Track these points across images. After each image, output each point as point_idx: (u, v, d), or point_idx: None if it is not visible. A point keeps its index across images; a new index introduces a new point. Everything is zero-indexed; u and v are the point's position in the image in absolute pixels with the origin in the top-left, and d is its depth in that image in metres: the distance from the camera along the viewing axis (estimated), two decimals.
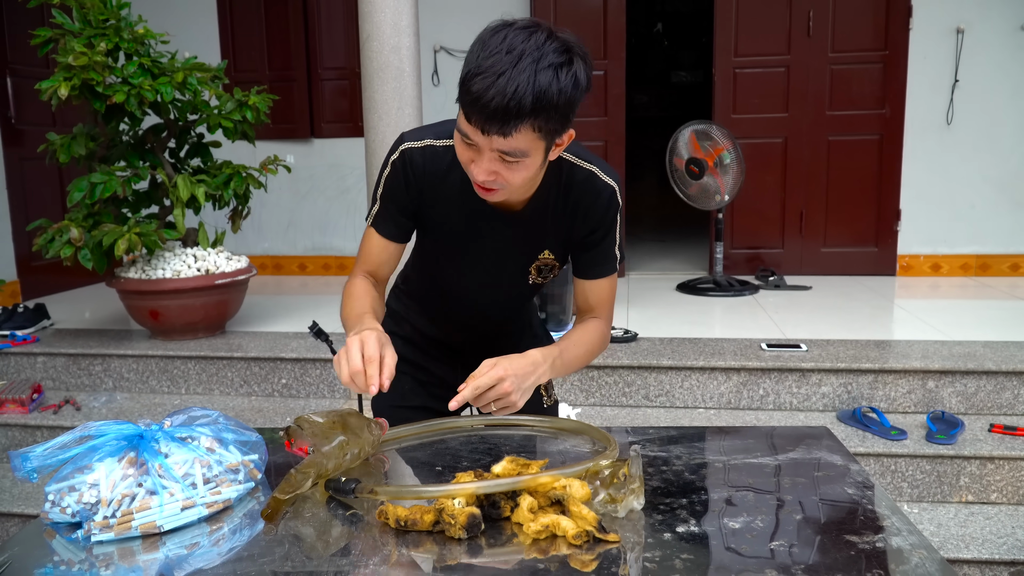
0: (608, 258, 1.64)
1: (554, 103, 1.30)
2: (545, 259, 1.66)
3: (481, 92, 1.27)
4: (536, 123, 1.31)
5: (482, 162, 1.37)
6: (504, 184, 1.40)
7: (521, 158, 1.36)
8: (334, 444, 1.37)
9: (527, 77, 1.26)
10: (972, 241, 5.47)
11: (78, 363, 4.01)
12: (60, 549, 1.23)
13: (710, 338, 3.93)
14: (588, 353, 1.67)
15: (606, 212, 1.58)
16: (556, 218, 1.59)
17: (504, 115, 1.27)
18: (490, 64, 1.27)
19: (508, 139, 1.31)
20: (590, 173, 1.56)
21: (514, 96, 1.26)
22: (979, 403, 3.41)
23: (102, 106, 3.79)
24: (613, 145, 5.57)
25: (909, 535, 1.17)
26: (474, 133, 1.33)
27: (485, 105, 1.27)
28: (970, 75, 5.25)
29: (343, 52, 5.92)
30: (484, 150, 1.35)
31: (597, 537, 1.16)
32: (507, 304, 1.79)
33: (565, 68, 1.30)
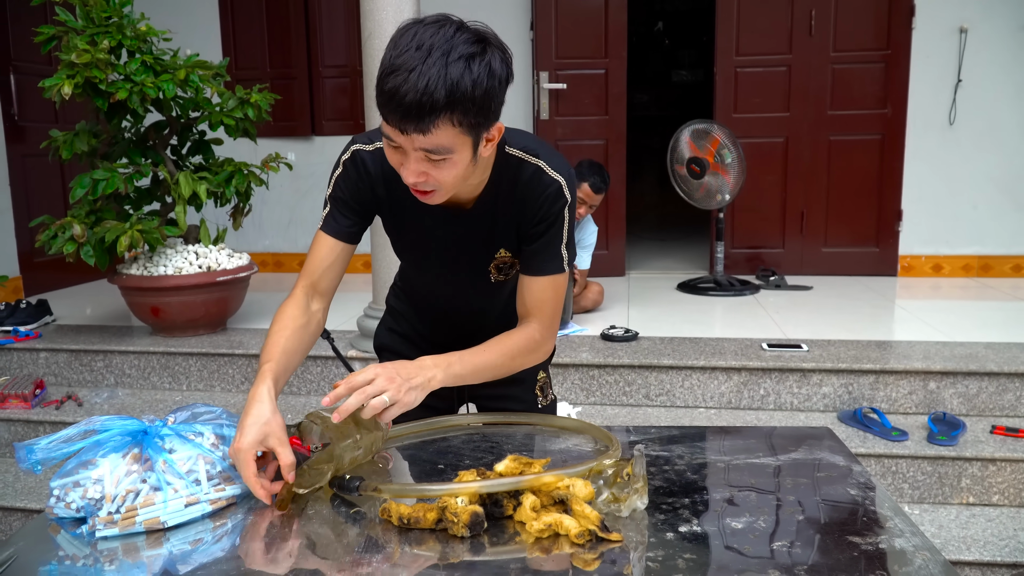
0: (551, 256, 1.58)
1: (469, 94, 1.27)
2: (503, 257, 1.64)
3: (394, 90, 1.25)
4: (454, 117, 1.28)
5: (409, 164, 1.35)
6: (436, 184, 1.38)
7: (446, 155, 1.33)
8: (349, 441, 1.37)
9: (437, 71, 1.25)
10: (974, 242, 5.47)
11: (80, 359, 4.02)
12: (65, 544, 1.23)
13: (711, 338, 3.93)
14: (504, 360, 1.59)
15: (551, 206, 1.54)
16: (506, 216, 1.57)
17: (419, 111, 1.26)
18: (401, 62, 1.26)
19: (428, 136, 1.29)
20: (537, 168, 1.53)
21: (426, 91, 1.24)
22: (981, 404, 3.41)
23: (104, 103, 3.79)
24: (613, 144, 5.57)
25: (912, 536, 1.17)
26: (395, 134, 1.31)
27: (399, 103, 1.26)
28: (973, 75, 5.24)
29: (344, 50, 5.92)
30: (408, 151, 1.34)
31: (600, 536, 1.17)
32: (479, 302, 1.76)
33: (478, 59, 1.28)
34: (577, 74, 5.46)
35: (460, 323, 1.81)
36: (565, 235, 1.58)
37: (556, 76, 5.46)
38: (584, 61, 5.46)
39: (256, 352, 3.86)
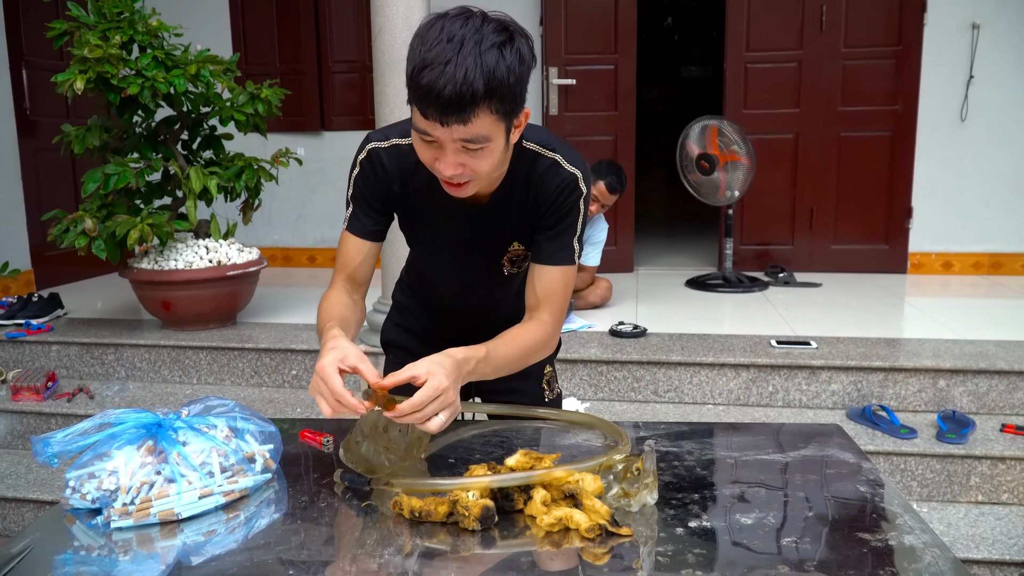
0: (564, 247, 1.59)
1: (505, 81, 1.30)
2: (516, 251, 1.65)
3: (432, 83, 1.26)
4: (492, 105, 1.31)
5: (446, 156, 1.36)
6: (472, 175, 1.40)
7: (484, 144, 1.35)
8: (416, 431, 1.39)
9: (473, 60, 1.27)
10: (984, 239, 5.44)
11: (91, 352, 4.04)
12: (80, 535, 1.25)
13: (719, 334, 3.93)
14: (522, 356, 1.58)
15: (567, 197, 1.56)
16: (520, 209, 1.58)
17: (459, 101, 1.27)
18: (434, 55, 1.27)
19: (469, 126, 1.31)
20: (553, 162, 1.55)
21: (465, 81, 1.26)
22: (991, 403, 3.41)
23: (116, 98, 3.80)
24: (622, 140, 5.56)
25: (922, 533, 1.18)
26: (433, 127, 1.32)
27: (439, 96, 1.27)
28: (985, 71, 5.22)
29: (353, 45, 5.93)
30: (446, 143, 1.35)
31: (610, 531, 1.17)
32: (489, 296, 1.78)
33: (508, 46, 1.31)
34: (586, 70, 5.45)
35: (468, 317, 1.82)
36: (579, 228, 1.60)
37: (565, 72, 5.46)
38: (593, 57, 5.45)
39: (265, 346, 3.88)
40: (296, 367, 3.88)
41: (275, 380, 3.90)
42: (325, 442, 1.58)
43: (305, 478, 1.44)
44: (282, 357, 3.88)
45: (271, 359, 3.89)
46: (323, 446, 1.58)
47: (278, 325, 4.23)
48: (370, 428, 1.39)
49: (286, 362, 3.88)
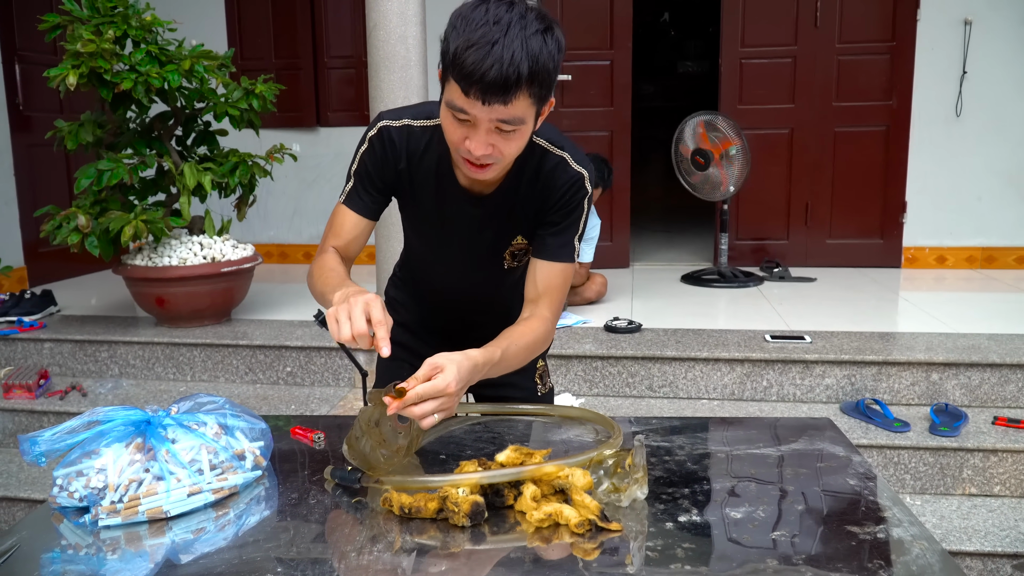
0: (566, 243, 1.62)
1: (545, 67, 1.34)
2: (519, 244, 1.67)
3: (478, 62, 1.29)
4: (531, 88, 1.35)
5: (479, 135, 1.38)
6: (499, 157, 1.42)
7: (519, 126, 1.38)
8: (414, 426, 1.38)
9: (520, 43, 1.30)
10: (978, 233, 5.45)
11: (84, 349, 4.03)
12: (68, 533, 1.24)
13: (714, 329, 3.93)
14: (528, 354, 1.60)
15: (573, 196, 1.58)
16: (526, 203, 1.60)
17: (504, 83, 1.30)
18: (480, 35, 1.30)
19: (509, 107, 1.33)
20: (561, 159, 1.58)
21: (511, 62, 1.29)
22: (983, 396, 3.41)
23: (109, 94, 3.79)
24: (618, 135, 5.56)
25: (910, 526, 1.18)
26: (472, 106, 1.33)
27: (484, 74, 1.29)
28: (978, 67, 5.22)
29: (349, 41, 5.92)
30: (481, 122, 1.36)
31: (600, 526, 1.17)
32: (487, 288, 1.78)
33: (549, 34, 1.35)
34: (582, 65, 5.44)
35: (462, 308, 1.83)
36: (581, 227, 1.63)
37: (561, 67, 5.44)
38: (589, 52, 5.45)
39: (260, 343, 3.87)
40: (291, 364, 3.87)
41: (270, 377, 3.90)
42: (316, 439, 1.58)
43: (296, 475, 1.43)
44: (277, 354, 3.87)
45: (265, 356, 3.88)
46: (314, 443, 1.58)
47: (273, 322, 4.22)
48: (366, 423, 1.39)
49: (281, 359, 3.88)
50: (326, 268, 1.58)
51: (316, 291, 1.58)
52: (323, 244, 1.67)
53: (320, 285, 1.54)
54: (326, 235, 1.68)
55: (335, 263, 1.60)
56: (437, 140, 1.57)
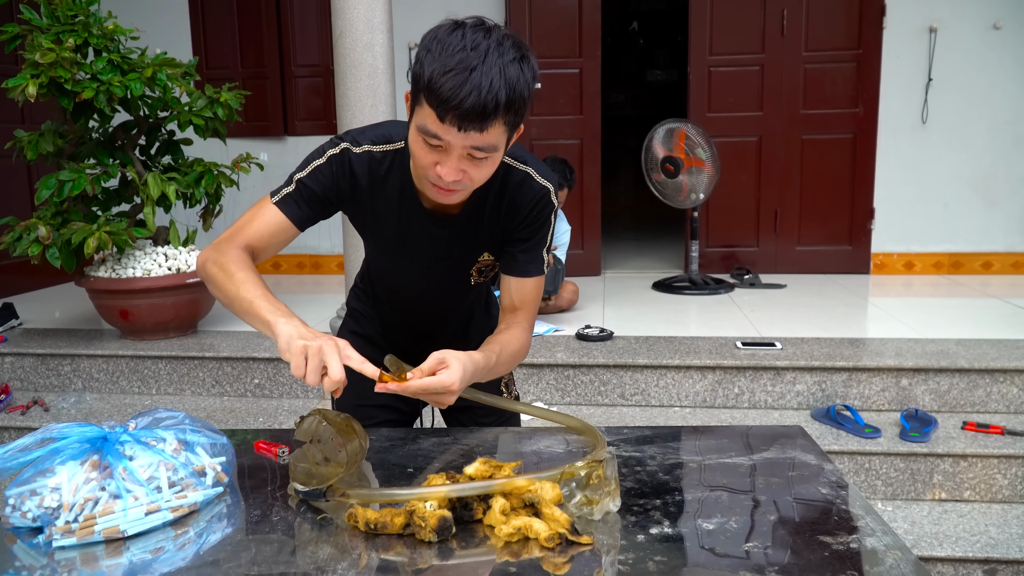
0: (536, 258, 1.62)
1: (522, 95, 1.32)
2: (486, 261, 1.66)
3: (456, 88, 1.26)
4: (507, 117, 1.33)
5: (450, 161, 1.35)
6: (469, 183, 1.40)
7: (491, 153, 1.36)
8: (356, 442, 1.34)
9: (498, 71, 1.28)
10: (945, 240, 5.51)
11: (47, 363, 3.95)
12: (21, 554, 1.20)
13: (686, 336, 3.92)
14: (514, 362, 1.62)
15: (541, 211, 1.58)
16: (492, 220, 1.59)
17: (483, 110, 1.27)
18: (457, 61, 1.27)
19: (484, 134, 1.31)
20: (525, 175, 1.57)
21: (490, 90, 1.27)
22: (952, 401, 3.43)
23: (70, 104, 3.72)
24: (588, 143, 5.56)
25: (883, 535, 1.16)
26: (447, 132, 1.31)
27: (462, 102, 1.26)
28: (943, 74, 5.29)
29: (316, 49, 5.87)
30: (454, 149, 1.34)
31: (570, 539, 1.15)
32: (451, 303, 1.78)
33: (525, 62, 1.33)
34: (551, 73, 5.44)
35: (427, 322, 1.81)
36: (549, 240, 1.63)
37: None
38: (558, 60, 5.45)
39: (227, 355, 3.80)
40: (258, 376, 3.81)
41: (236, 389, 3.83)
42: (281, 453, 1.54)
43: (259, 491, 1.40)
44: (244, 366, 3.81)
45: (232, 368, 3.82)
46: (279, 457, 1.54)
47: (239, 333, 4.16)
48: (305, 436, 1.35)
49: (248, 371, 3.82)
50: (246, 270, 1.45)
51: (229, 291, 1.43)
52: (234, 238, 1.52)
53: (239, 289, 1.41)
54: (239, 230, 1.54)
55: (252, 269, 1.47)
56: (398, 164, 1.55)
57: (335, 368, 1.27)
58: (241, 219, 1.57)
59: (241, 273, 1.44)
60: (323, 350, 1.28)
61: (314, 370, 1.27)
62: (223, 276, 1.45)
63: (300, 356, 1.28)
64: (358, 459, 1.37)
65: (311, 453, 1.34)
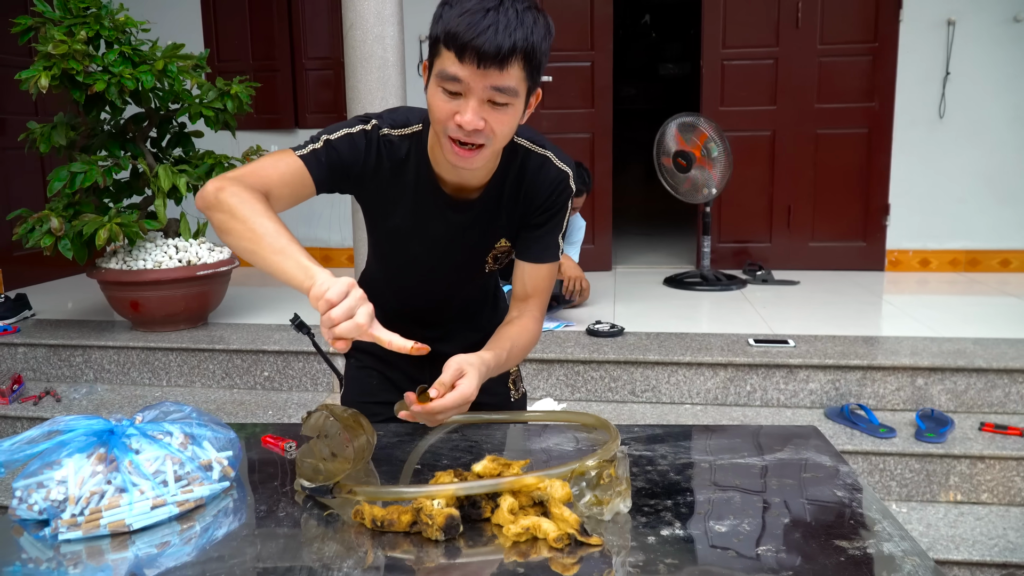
0: (551, 245, 1.62)
1: (538, 45, 1.33)
2: (502, 247, 1.64)
3: (474, 25, 1.28)
4: (524, 62, 1.33)
5: (471, 106, 1.34)
6: (490, 136, 1.38)
7: (511, 99, 1.35)
8: (363, 439, 1.32)
9: (514, 14, 1.30)
10: (961, 236, 5.45)
11: (59, 354, 3.95)
12: (28, 547, 1.19)
13: (697, 333, 3.89)
14: (523, 354, 1.63)
15: (558, 196, 1.58)
16: (510, 205, 1.58)
17: (499, 47, 1.28)
18: (474, 4, 1.29)
19: (503, 73, 1.31)
20: (544, 158, 1.56)
21: (506, 28, 1.28)
22: (969, 401, 3.39)
23: (82, 96, 3.72)
24: (599, 137, 5.53)
25: (901, 541, 1.14)
26: (466, 71, 1.30)
27: (480, 36, 1.28)
28: (961, 68, 5.22)
29: (327, 42, 5.86)
30: (474, 92, 1.33)
31: (579, 540, 1.13)
32: (462, 290, 1.76)
33: (540, 15, 1.35)
34: (562, 67, 5.41)
35: (436, 312, 1.78)
36: (564, 226, 1.63)
37: None
38: (569, 54, 5.41)
39: (237, 347, 3.80)
40: (268, 368, 3.81)
41: (246, 382, 3.83)
42: (288, 448, 1.53)
43: (265, 486, 1.38)
44: (254, 358, 3.81)
45: (242, 360, 3.82)
46: (286, 452, 1.53)
47: (250, 326, 4.16)
48: (312, 431, 1.34)
49: (258, 363, 3.81)
50: (271, 213, 1.36)
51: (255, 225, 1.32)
52: (247, 177, 1.41)
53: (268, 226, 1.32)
54: (254, 171, 1.43)
55: (274, 216, 1.37)
56: (416, 148, 1.53)
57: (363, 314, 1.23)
58: (259, 162, 1.46)
59: (269, 212, 1.35)
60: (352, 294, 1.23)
61: (345, 311, 1.22)
62: (247, 208, 1.34)
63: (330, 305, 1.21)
64: (365, 455, 1.36)
65: (318, 448, 1.33)
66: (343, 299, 1.22)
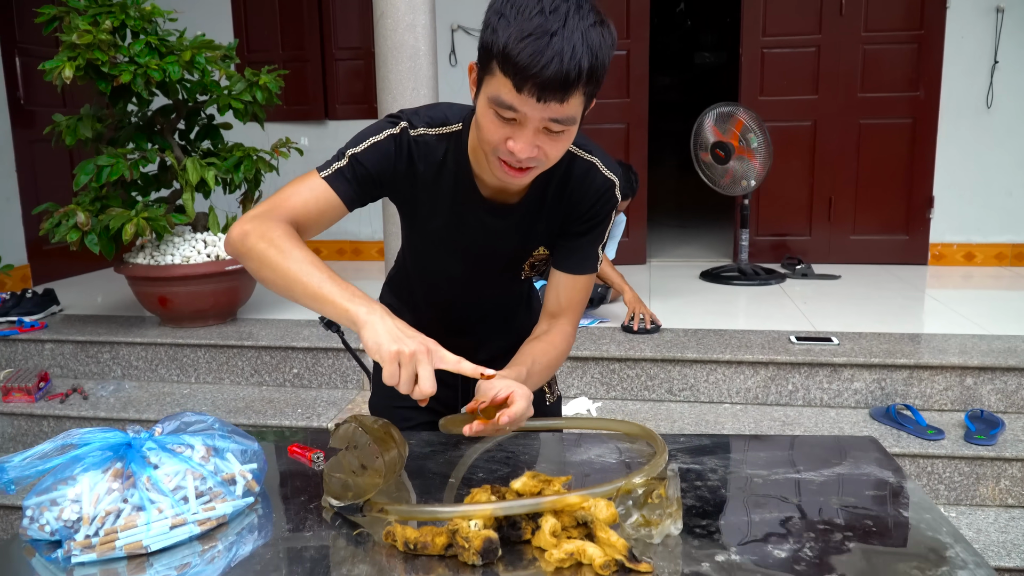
0: (590, 255, 1.52)
1: (603, 63, 1.22)
2: (540, 255, 1.55)
3: (535, 55, 1.15)
4: (587, 87, 1.22)
5: (525, 135, 1.24)
6: (543, 160, 1.29)
7: (569, 126, 1.25)
8: (394, 452, 1.24)
9: (580, 36, 1.17)
10: (1007, 229, 5.28)
11: (86, 350, 3.92)
12: (40, 568, 1.13)
13: (736, 330, 3.78)
14: (550, 372, 1.54)
15: (603, 206, 1.48)
16: (551, 211, 1.48)
17: (565, 79, 1.17)
18: (536, 26, 1.16)
19: (564, 105, 1.20)
20: (591, 165, 1.46)
21: (573, 57, 1.16)
22: (1020, 401, 3.26)
23: (108, 87, 3.68)
24: (635, 128, 5.41)
25: (976, 568, 1.04)
26: (525, 103, 1.20)
27: (543, 69, 1.16)
28: (1010, 56, 5.04)
29: (358, 31, 5.79)
30: (531, 122, 1.23)
31: (627, 567, 1.04)
32: (496, 297, 1.68)
33: (605, 27, 1.22)
34: None
35: (467, 319, 1.71)
36: (605, 236, 1.53)
37: None
38: None
39: (266, 344, 3.74)
40: (297, 365, 3.75)
41: (275, 379, 3.78)
42: (315, 459, 1.46)
43: (292, 501, 1.31)
44: (283, 355, 3.75)
45: (271, 357, 3.76)
46: (313, 463, 1.45)
47: (279, 321, 4.10)
48: (341, 443, 1.26)
49: (287, 360, 3.75)
50: (301, 247, 1.29)
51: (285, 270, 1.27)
52: (275, 211, 1.35)
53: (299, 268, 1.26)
54: (281, 203, 1.37)
55: (305, 244, 1.32)
56: (455, 148, 1.44)
57: (427, 379, 1.19)
58: (282, 192, 1.40)
59: (297, 251, 1.28)
60: (416, 357, 1.18)
61: (408, 380, 1.19)
62: (274, 252, 1.28)
63: (393, 363, 1.18)
64: (397, 469, 1.28)
65: (347, 461, 1.25)
66: (399, 372, 1.19)
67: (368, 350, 1.20)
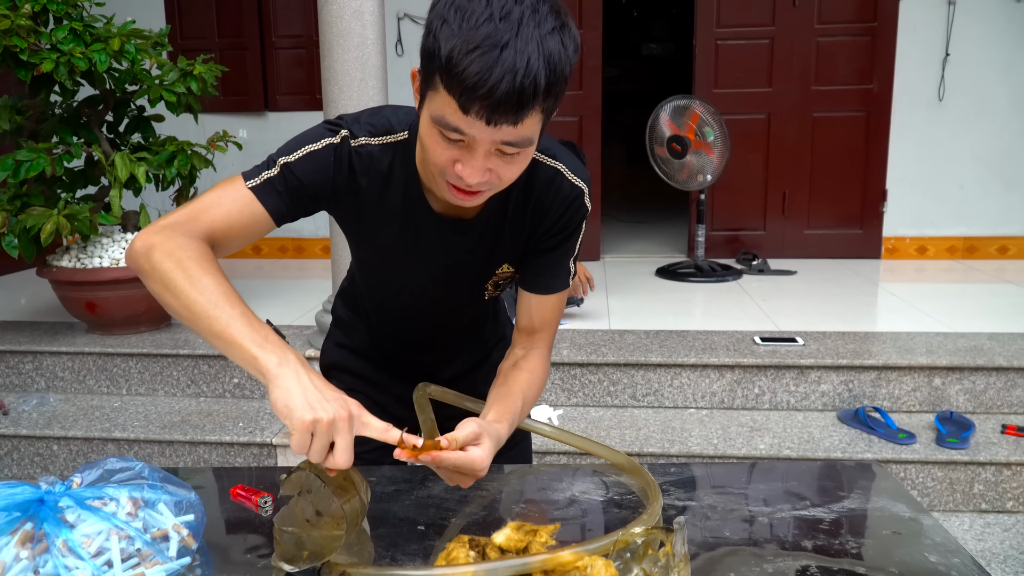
0: (561, 271, 1.37)
1: (564, 76, 1.04)
2: (504, 273, 1.39)
3: (483, 72, 0.97)
4: (546, 103, 1.04)
5: (475, 160, 1.06)
6: (496, 184, 1.12)
7: (525, 148, 1.08)
8: (356, 499, 1.06)
9: (536, 46, 0.99)
10: (959, 223, 5.27)
11: (6, 361, 3.64)
12: None
13: (699, 331, 3.65)
14: (534, 403, 1.38)
15: (571, 217, 1.31)
16: (516, 226, 1.32)
17: (519, 98, 0.99)
18: (484, 36, 0.97)
19: (519, 127, 1.03)
20: (556, 172, 1.28)
21: (527, 73, 0.98)
22: (988, 402, 3.20)
23: (27, 76, 3.40)
24: (588, 120, 5.27)
25: None
26: (473, 126, 1.02)
27: (492, 89, 0.97)
28: (962, 49, 5.01)
29: (300, 18, 5.53)
30: (480, 145, 1.05)
31: None
32: (458, 317, 1.52)
33: (565, 31, 1.03)
34: None
35: (428, 339, 1.55)
36: (577, 248, 1.37)
37: None
38: None
39: (203, 352, 3.50)
40: (238, 375, 3.52)
41: (214, 390, 3.54)
42: (263, 503, 1.28)
43: (234, 558, 1.13)
44: (222, 364, 3.51)
45: (209, 366, 3.52)
46: (260, 508, 1.27)
47: None
48: (293, 490, 1.07)
49: (226, 370, 3.52)
50: (212, 272, 1.11)
51: (189, 299, 1.09)
52: (191, 223, 1.18)
53: (206, 300, 1.09)
54: (199, 214, 1.19)
55: (219, 269, 1.14)
56: (401, 159, 1.25)
57: (342, 451, 0.99)
58: (202, 199, 1.21)
59: (207, 277, 1.10)
60: (335, 425, 0.98)
61: (320, 451, 0.98)
62: (180, 276, 1.10)
63: (305, 434, 0.97)
64: (359, 519, 1.10)
65: (300, 508, 1.07)
66: (309, 442, 0.98)
67: (277, 412, 0.99)
